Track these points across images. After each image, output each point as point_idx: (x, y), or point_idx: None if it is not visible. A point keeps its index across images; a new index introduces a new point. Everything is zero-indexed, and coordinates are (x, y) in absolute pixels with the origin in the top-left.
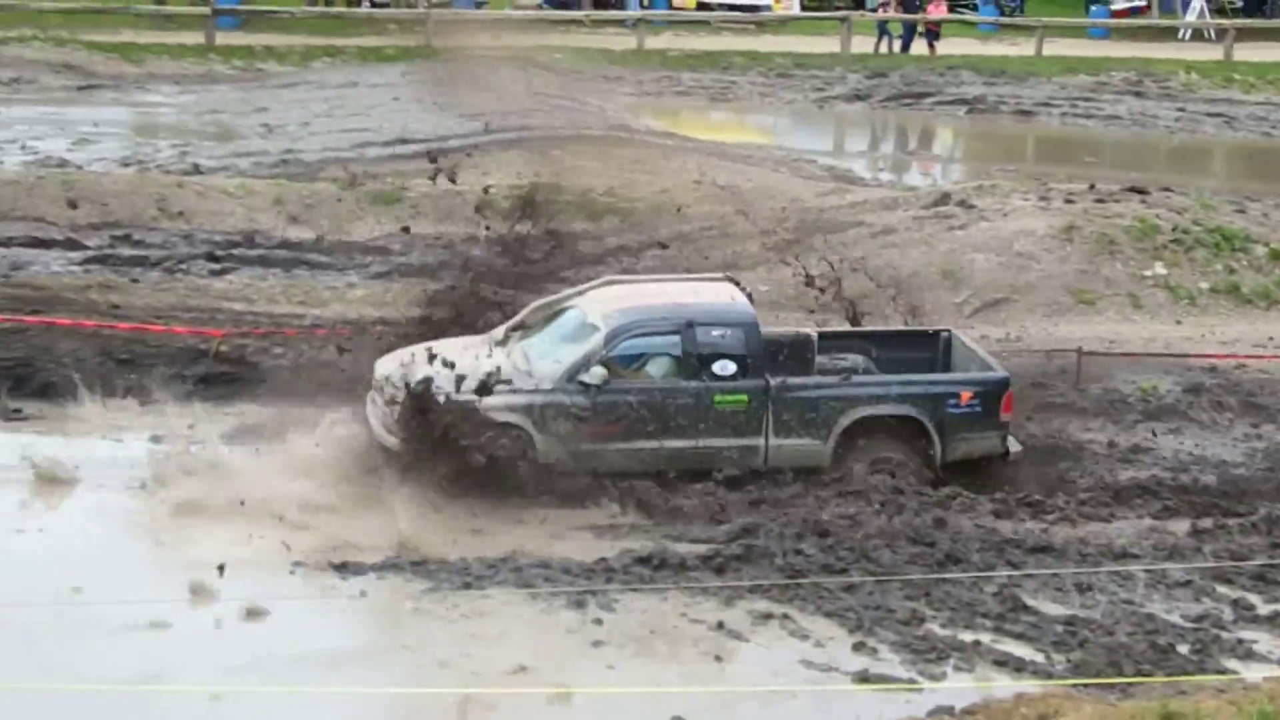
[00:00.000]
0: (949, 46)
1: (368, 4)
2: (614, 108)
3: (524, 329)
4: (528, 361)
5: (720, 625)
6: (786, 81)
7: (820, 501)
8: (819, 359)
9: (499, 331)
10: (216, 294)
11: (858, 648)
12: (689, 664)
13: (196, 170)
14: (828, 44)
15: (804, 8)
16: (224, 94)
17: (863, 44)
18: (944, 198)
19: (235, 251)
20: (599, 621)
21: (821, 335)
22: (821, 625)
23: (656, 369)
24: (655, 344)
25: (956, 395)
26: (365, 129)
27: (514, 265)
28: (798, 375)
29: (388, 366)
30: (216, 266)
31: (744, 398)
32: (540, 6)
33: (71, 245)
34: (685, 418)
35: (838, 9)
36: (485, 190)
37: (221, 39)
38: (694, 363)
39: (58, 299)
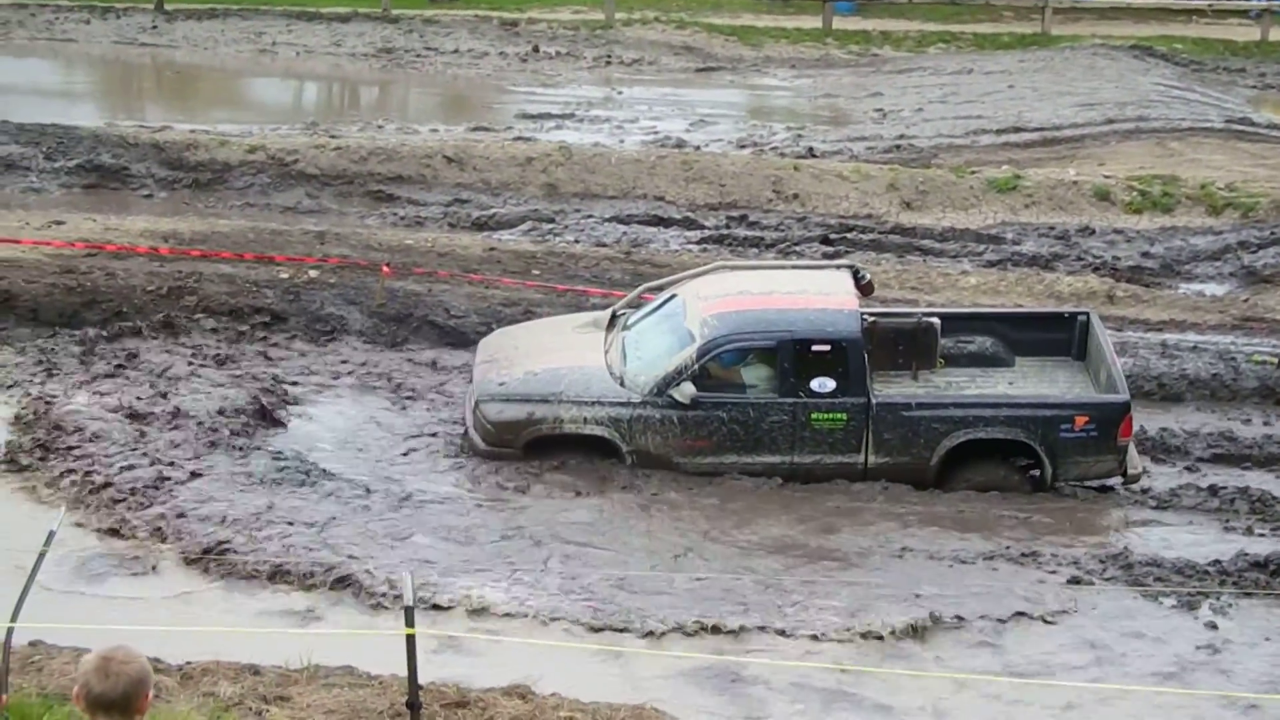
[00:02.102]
0: None
1: None
2: (1234, 101)
3: (631, 311)
4: (623, 361)
5: None
6: None
7: None
8: (944, 342)
9: (604, 315)
10: None
11: None
12: None
13: (811, 153)
14: None
15: None
16: (839, 78)
17: None
18: None
19: (849, 235)
20: (1213, 625)
21: (948, 317)
22: None
23: (752, 376)
24: (751, 355)
25: (1070, 420)
26: (979, 116)
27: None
28: (920, 364)
29: (487, 354)
30: (830, 250)
31: (843, 416)
32: None
33: (689, 224)
34: (780, 434)
35: None
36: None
37: (838, 23)
38: (790, 380)
39: None
